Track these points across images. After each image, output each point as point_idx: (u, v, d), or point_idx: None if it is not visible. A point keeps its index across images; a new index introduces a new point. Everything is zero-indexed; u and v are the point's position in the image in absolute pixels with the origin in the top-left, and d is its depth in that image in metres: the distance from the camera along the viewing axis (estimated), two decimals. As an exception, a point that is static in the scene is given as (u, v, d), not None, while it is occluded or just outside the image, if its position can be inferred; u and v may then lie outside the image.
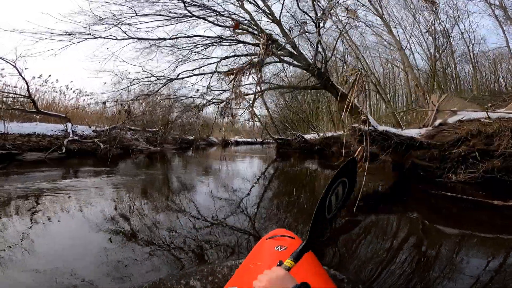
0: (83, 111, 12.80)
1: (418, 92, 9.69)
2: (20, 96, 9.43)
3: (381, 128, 5.30)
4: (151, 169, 7.97)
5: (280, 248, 1.19)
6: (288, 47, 6.51)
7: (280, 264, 0.88)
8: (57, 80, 12.60)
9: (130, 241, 2.26)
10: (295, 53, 6.63)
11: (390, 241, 2.41)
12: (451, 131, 5.24)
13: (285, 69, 8.61)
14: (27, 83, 8.97)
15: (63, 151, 8.74)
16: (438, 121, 5.59)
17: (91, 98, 11.15)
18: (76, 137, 9.55)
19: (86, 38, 6.56)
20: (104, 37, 6.51)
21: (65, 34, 6.32)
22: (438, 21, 14.20)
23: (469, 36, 15.05)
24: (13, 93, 9.27)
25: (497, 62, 16.65)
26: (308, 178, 7.07)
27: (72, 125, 10.84)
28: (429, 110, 5.97)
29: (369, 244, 2.35)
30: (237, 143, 33.29)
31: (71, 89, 13.69)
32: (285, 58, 7.09)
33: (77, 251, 2.09)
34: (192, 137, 25.15)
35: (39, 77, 12.20)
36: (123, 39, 6.60)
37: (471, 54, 15.41)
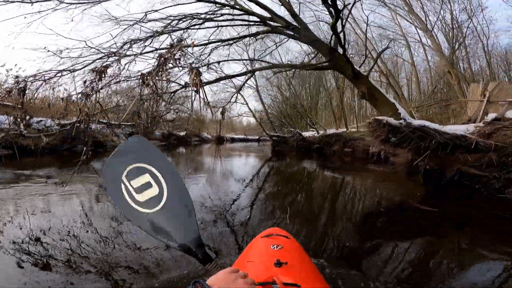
0: (46, 102, 11.05)
1: (452, 80, 8.19)
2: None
3: (417, 122, 3.78)
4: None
5: (276, 247, 1.14)
6: (286, 16, 4.95)
7: (278, 263, 0.91)
8: (20, 69, 10.92)
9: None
10: (296, 24, 5.05)
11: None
12: (516, 128, 3.73)
13: (279, 43, 6.69)
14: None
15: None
16: (491, 115, 4.08)
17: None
18: (25, 131, 7.87)
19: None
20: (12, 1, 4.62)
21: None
22: (453, 13, 12.84)
23: (483, 29, 13.75)
24: None
25: (509, 57, 15.40)
26: (300, 179, 6.28)
27: (31, 118, 9.13)
28: (474, 101, 4.45)
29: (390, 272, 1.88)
30: (233, 140, 32.30)
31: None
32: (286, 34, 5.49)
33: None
34: (183, 133, 23.77)
35: (2, 66, 10.55)
36: (37, 1, 4.72)
37: (485, 48, 14.12)
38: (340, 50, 4.58)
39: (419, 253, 2.21)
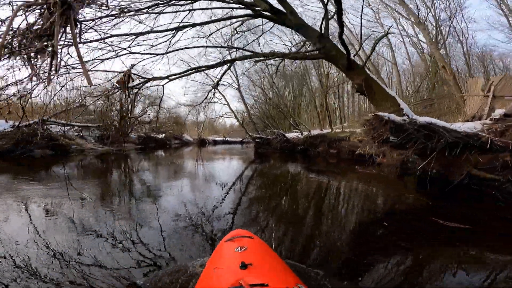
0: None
1: (447, 76, 7.91)
2: None
3: (423, 119, 3.25)
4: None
5: (240, 249, 1.15)
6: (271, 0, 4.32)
7: (243, 265, 0.91)
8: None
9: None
10: (283, 9, 4.44)
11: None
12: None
13: (263, 27, 6.02)
14: None
15: None
16: (499, 111, 3.65)
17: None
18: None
19: None
20: None
21: None
22: (433, 13, 12.91)
23: (462, 29, 14.00)
24: None
25: (486, 58, 15.85)
26: (283, 182, 5.85)
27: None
28: (474, 96, 4.03)
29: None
30: (215, 142, 31.47)
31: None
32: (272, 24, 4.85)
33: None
34: (162, 136, 22.60)
35: None
36: None
37: (464, 48, 14.38)
38: (331, 38, 4.04)
39: (406, 256, 2.06)
